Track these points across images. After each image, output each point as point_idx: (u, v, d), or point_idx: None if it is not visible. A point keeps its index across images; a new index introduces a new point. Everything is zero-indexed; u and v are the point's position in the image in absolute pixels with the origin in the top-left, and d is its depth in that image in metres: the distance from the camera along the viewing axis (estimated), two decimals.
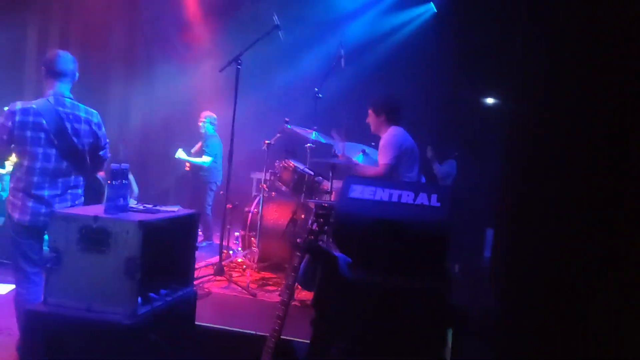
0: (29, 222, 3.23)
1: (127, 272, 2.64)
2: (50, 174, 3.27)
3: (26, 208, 3.24)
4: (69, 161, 3.32)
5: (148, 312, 2.73)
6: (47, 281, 2.73)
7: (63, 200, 3.32)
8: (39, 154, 3.24)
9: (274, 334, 2.51)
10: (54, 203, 3.27)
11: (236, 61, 4.70)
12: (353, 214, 2.86)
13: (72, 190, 3.37)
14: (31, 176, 3.24)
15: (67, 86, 3.37)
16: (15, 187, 3.28)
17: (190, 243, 3.21)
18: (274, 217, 5.12)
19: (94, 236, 2.67)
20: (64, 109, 3.29)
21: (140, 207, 3.02)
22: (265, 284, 4.69)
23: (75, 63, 3.42)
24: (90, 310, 2.66)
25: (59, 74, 3.34)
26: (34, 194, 3.24)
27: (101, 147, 3.48)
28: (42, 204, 3.24)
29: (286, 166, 4.99)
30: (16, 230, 3.28)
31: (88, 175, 3.48)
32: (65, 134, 3.27)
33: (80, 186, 3.43)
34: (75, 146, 3.32)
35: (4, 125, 3.23)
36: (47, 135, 3.24)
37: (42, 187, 3.25)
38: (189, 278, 3.21)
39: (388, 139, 4.45)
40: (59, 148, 3.27)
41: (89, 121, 3.38)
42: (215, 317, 3.72)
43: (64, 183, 3.33)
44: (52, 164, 3.27)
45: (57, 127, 3.25)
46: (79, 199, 3.42)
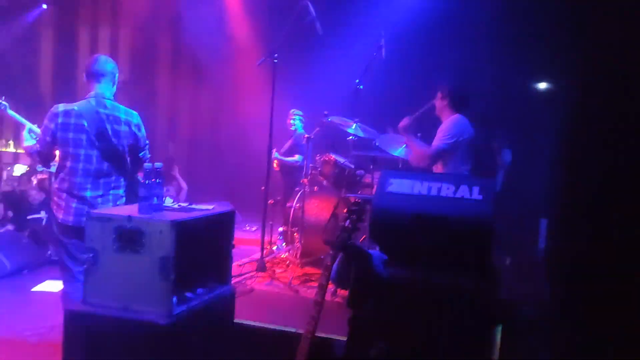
0: (72, 222, 3.29)
1: (162, 272, 2.63)
2: (92, 174, 3.32)
3: (70, 208, 3.30)
4: (110, 162, 3.36)
5: (184, 312, 2.72)
6: (85, 281, 2.76)
7: (105, 201, 3.37)
8: (81, 155, 3.29)
9: (308, 335, 2.44)
10: (96, 203, 3.32)
11: (273, 55, 4.65)
12: (390, 209, 2.75)
13: (113, 190, 3.42)
14: (74, 177, 3.30)
15: (107, 88, 3.41)
16: (59, 187, 3.35)
17: (226, 241, 3.17)
18: (316, 212, 5.06)
19: (129, 236, 2.67)
20: (104, 111, 3.33)
21: (175, 205, 3.01)
22: (308, 280, 4.64)
23: (112, 65, 3.46)
24: (127, 310, 2.67)
25: (97, 76, 3.39)
26: (77, 195, 3.30)
27: (141, 148, 3.50)
28: (85, 204, 3.29)
29: (327, 160, 4.91)
30: (61, 230, 3.35)
31: (129, 176, 3.52)
32: (106, 135, 3.32)
33: (122, 187, 3.47)
34: (116, 147, 3.36)
35: (47, 127, 3.30)
36: (89, 137, 3.28)
37: (84, 187, 3.31)
38: (226, 276, 3.18)
39: (448, 124, 4.26)
40: (100, 149, 3.31)
41: (129, 122, 3.41)
42: (256, 314, 3.70)
43: (106, 184, 3.38)
44: (94, 165, 3.32)
45: (97, 128, 3.30)
46: (120, 200, 3.46)
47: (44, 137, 3.32)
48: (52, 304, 4.70)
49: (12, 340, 3.94)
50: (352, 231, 2.49)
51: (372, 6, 7.09)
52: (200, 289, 2.90)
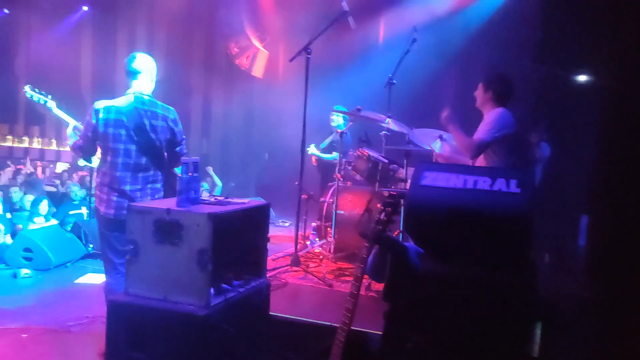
0: (113, 215, 3.39)
1: (199, 264, 2.69)
2: (131, 169, 3.41)
3: (111, 202, 3.40)
4: (148, 156, 3.44)
5: (221, 303, 2.77)
6: (127, 272, 2.84)
7: (144, 195, 3.45)
8: (121, 149, 3.38)
9: (344, 327, 2.45)
10: (136, 197, 3.41)
11: (306, 50, 4.66)
12: (425, 203, 2.72)
13: (151, 184, 3.49)
14: (114, 171, 3.39)
15: (145, 84, 3.49)
16: (101, 181, 3.45)
17: (261, 234, 3.22)
18: (349, 206, 5.06)
19: (167, 229, 2.74)
20: (142, 106, 3.42)
21: (212, 199, 3.07)
22: (342, 274, 4.64)
23: (151, 62, 3.53)
24: (166, 301, 2.74)
25: (135, 73, 3.47)
26: (117, 188, 3.39)
27: (177, 143, 3.57)
28: (125, 198, 3.38)
29: (360, 155, 4.90)
30: (103, 222, 3.45)
31: (166, 171, 3.59)
32: (144, 130, 3.40)
33: (159, 181, 3.55)
34: (153, 142, 3.43)
35: (89, 123, 3.41)
36: (128, 132, 3.37)
37: (124, 181, 3.39)
38: (261, 269, 3.22)
39: (493, 118, 4.15)
40: (138, 144, 3.40)
41: (166, 118, 3.48)
42: (291, 307, 3.72)
43: (144, 178, 3.46)
44: (133, 159, 3.40)
45: (136, 123, 3.38)
46: (158, 193, 3.54)
47: (85, 133, 3.43)
48: (93, 296, 4.86)
49: (57, 330, 4.08)
50: (387, 224, 2.48)
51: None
52: (237, 281, 2.95)
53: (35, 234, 5.76)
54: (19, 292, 5.01)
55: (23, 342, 3.87)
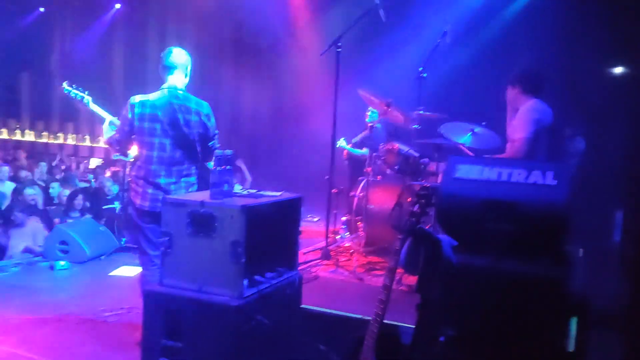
0: (148, 207, 3.46)
1: (233, 256, 2.72)
2: (165, 162, 3.47)
3: (146, 194, 3.47)
4: (182, 150, 3.50)
5: (254, 294, 2.80)
6: (162, 263, 2.89)
7: (178, 188, 3.51)
8: (155, 143, 3.45)
9: (377, 319, 2.45)
10: (170, 190, 3.47)
11: (336, 44, 4.66)
12: (458, 195, 2.70)
13: (185, 178, 3.55)
14: (149, 165, 3.46)
15: (179, 79, 3.55)
16: (136, 175, 3.53)
17: (294, 227, 3.24)
18: (380, 200, 5.05)
19: (201, 221, 2.78)
20: (176, 101, 3.47)
21: (245, 192, 3.10)
22: (372, 268, 4.64)
23: (185, 57, 3.58)
24: (201, 292, 2.78)
25: (170, 68, 3.53)
26: (152, 182, 3.46)
27: (210, 137, 3.61)
28: (159, 191, 3.45)
29: (390, 149, 4.88)
30: (138, 215, 3.52)
31: (200, 164, 3.64)
32: (178, 124, 3.45)
33: (193, 174, 3.60)
34: (187, 136, 3.48)
35: (125, 117, 3.49)
36: (162, 126, 3.43)
37: (159, 174, 3.46)
38: (293, 262, 3.24)
39: (526, 112, 4.05)
40: (172, 138, 3.46)
41: (199, 112, 3.52)
42: (322, 300, 3.74)
43: (178, 171, 3.51)
44: (167, 153, 3.46)
45: (170, 118, 3.44)
46: (192, 187, 3.60)
47: (122, 127, 3.51)
48: (128, 288, 4.97)
49: (94, 320, 4.18)
50: (421, 216, 2.47)
51: None
52: (269, 273, 2.97)
53: (71, 228, 5.91)
54: (56, 284, 5.15)
55: (61, 331, 3.98)
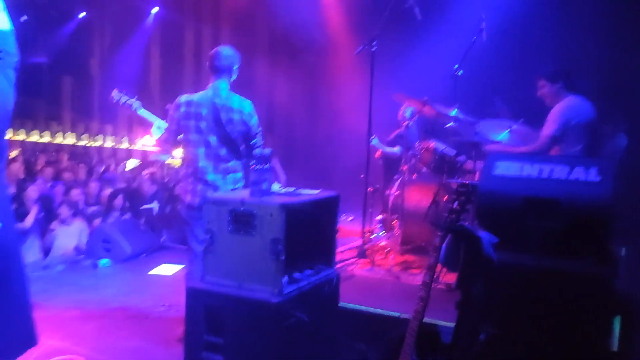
0: (198, 203, 3.55)
1: (273, 253, 2.76)
2: (212, 159, 3.57)
3: (195, 191, 3.57)
4: (227, 147, 3.60)
5: (294, 291, 2.84)
6: (204, 260, 2.95)
7: (226, 184, 3.60)
8: (201, 141, 3.56)
9: (417, 316, 2.45)
10: (218, 186, 3.57)
11: (371, 43, 4.66)
12: (498, 192, 2.68)
13: (232, 174, 3.64)
14: (197, 162, 3.57)
15: (224, 79, 3.64)
16: (186, 172, 3.65)
17: (331, 225, 3.26)
18: (416, 199, 5.03)
19: (242, 219, 2.83)
20: (220, 100, 3.57)
21: (283, 190, 3.14)
22: (409, 266, 4.63)
23: (231, 58, 3.65)
24: (241, 288, 2.82)
25: (215, 68, 3.64)
26: (201, 178, 3.57)
27: (252, 136, 3.69)
28: (208, 187, 3.55)
29: (426, 147, 4.86)
30: (188, 212, 3.62)
31: (245, 161, 3.72)
32: (221, 123, 3.56)
33: (239, 170, 3.69)
34: (230, 134, 3.58)
35: (172, 117, 3.62)
36: (207, 124, 3.55)
37: (206, 171, 3.57)
38: (331, 260, 3.27)
39: (558, 110, 4.11)
40: (217, 135, 3.57)
41: (241, 111, 3.61)
42: (358, 298, 3.75)
43: (225, 168, 3.61)
44: (213, 150, 3.57)
45: (214, 116, 3.55)
46: (239, 183, 3.68)
47: (170, 126, 3.64)
48: (167, 285, 5.10)
49: (136, 316, 4.30)
50: (460, 213, 2.47)
51: None
52: (308, 271, 3.01)
53: (113, 227, 6.08)
54: (100, 281, 5.31)
55: (106, 326, 4.11)
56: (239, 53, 3.72)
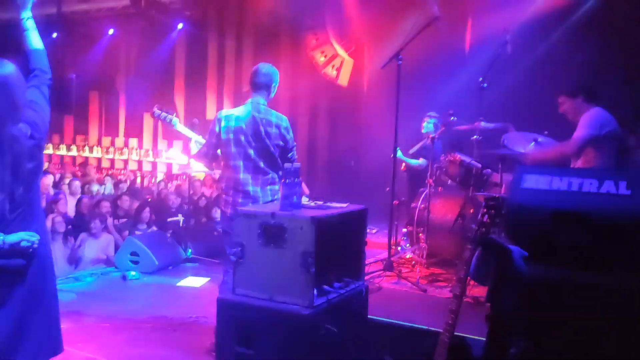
0: None
1: (303, 266, 2.80)
2: (251, 171, 3.65)
3: (237, 203, 3.64)
4: (265, 160, 3.68)
5: (324, 304, 2.87)
6: (234, 273, 3.00)
7: (265, 195, 3.67)
8: (241, 154, 3.65)
9: (448, 328, 2.46)
10: (258, 197, 3.64)
11: (397, 57, 4.71)
12: (527, 205, 2.68)
13: (270, 186, 3.71)
14: (237, 174, 3.65)
15: (262, 95, 3.74)
16: (226, 185, 3.73)
17: (360, 238, 3.30)
18: (442, 212, 5.04)
19: (272, 232, 2.88)
20: (258, 115, 3.67)
21: (312, 203, 3.18)
22: (436, 279, 4.63)
23: (269, 75, 3.75)
24: (272, 300, 2.87)
25: (254, 85, 3.76)
26: (241, 190, 3.65)
27: (289, 149, 3.77)
28: (248, 198, 3.62)
29: (452, 160, 4.88)
30: (228, 224, 3.66)
31: (281, 174, 3.78)
32: (260, 136, 3.65)
33: (277, 182, 3.74)
34: (268, 147, 3.67)
35: (212, 130, 3.71)
36: (246, 138, 3.64)
37: (246, 183, 3.65)
38: (360, 272, 3.29)
39: (587, 118, 4.10)
40: (256, 149, 3.65)
41: (279, 125, 3.70)
42: (386, 311, 3.77)
43: (263, 180, 3.68)
44: (252, 162, 3.65)
45: (253, 130, 3.64)
46: (277, 194, 3.72)
47: (210, 140, 3.74)
48: (195, 297, 5.16)
49: (165, 328, 4.36)
50: (490, 226, 2.48)
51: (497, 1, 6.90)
52: (337, 283, 3.04)
53: (141, 239, 6.17)
54: (129, 293, 5.40)
55: (136, 337, 4.17)
56: (277, 71, 3.81)
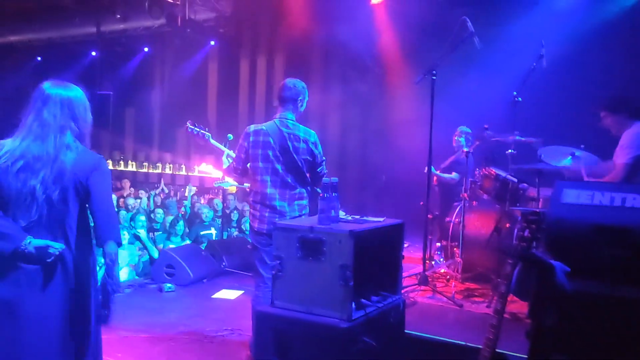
0: (266, 230, 3.65)
1: (341, 279, 2.82)
2: (279, 186, 3.69)
3: (264, 217, 3.68)
4: (293, 175, 3.71)
5: (361, 317, 2.88)
6: (273, 285, 3.04)
7: (292, 210, 3.70)
8: (269, 168, 3.68)
9: (489, 344, 2.45)
10: (285, 212, 3.66)
11: (431, 72, 4.72)
12: (568, 220, 2.66)
13: (298, 201, 3.74)
14: (265, 189, 3.69)
15: (290, 109, 3.78)
16: (254, 199, 3.77)
17: (396, 252, 3.30)
18: (477, 226, 5.00)
19: (311, 245, 2.91)
20: (286, 130, 3.70)
21: (349, 217, 3.21)
22: (471, 294, 4.59)
23: (296, 90, 3.79)
24: (310, 313, 2.89)
25: (281, 100, 3.81)
26: (268, 205, 3.68)
27: (318, 164, 3.80)
28: (275, 213, 3.65)
29: (487, 174, 4.85)
30: (257, 238, 3.73)
31: (310, 188, 3.82)
32: (288, 151, 3.68)
33: (305, 198, 3.79)
34: (296, 162, 3.70)
35: (242, 146, 3.76)
36: (274, 152, 3.67)
37: (274, 198, 3.68)
38: (397, 286, 3.30)
39: (629, 137, 4.04)
40: (284, 163, 3.68)
41: (307, 140, 3.74)
42: (422, 326, 3.76)
43: (291, 195, 3.71)
44: (280, 177, 3.69)
45: (281, 145, 3.68)
46: (304, 210, 3.78)
47: (239, 155, 3.79)
48: (230, 309, 5.21)
49: (201, 340, 4.42)
50: (532, 241, 2.46)
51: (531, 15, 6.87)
52: (375, 297, 3.05)
53: (176, 252, 6.28)
54: (165, 305, 5.48)
55: (173, 349, 4.24)
56: (305, 85, 3.86)
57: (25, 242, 2.43)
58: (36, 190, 2.47)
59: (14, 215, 2.48)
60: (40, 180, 2.48)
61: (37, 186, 2.47)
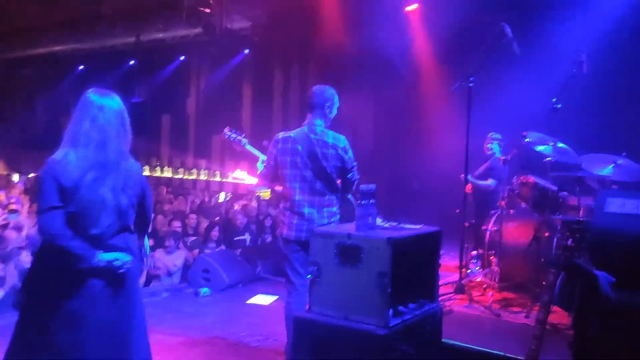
0: (294, 237, 3.66)
1: (379, 286, 2.81)
2: (307, 193, 3.67)
3: (292, 225, 3.68)
4: (322, 182, 3.69)
5: (399, 325, 2.86)
6: (310, 291, 3.05)
7: (321, 218, 3.68)
8: (298, 175, 3.68)
9: (531, 354, 2.41)
10: (314, 220, 3.64)
11: (468, 79, 4.68)
12: (613, 230, 2.61)
13: (327, 208, 3.71)
14: (294, 196, 3.68)
15: (318, 116, 3.75)
16: (283, 206, 3.77)
17: (434, 260, 3.28)
18: (515, 235, 4.92)
19: (348, 252, 2.91)
20: (314, 136, 3.69)
21: (386, 224, 3.20)
22: (509, 304, 4.51)
23: (325, 97, 3.77)
24: (347, 320, 2.89)
25: (310, 106, 3.79)
26: (297, 212, 3.67)
27: (348, 170, 3.76)
28: (304, 221, 3.64)
29: (526, 182, 4.77)
30: (286, 245, 3.73)
31: (340, 195, 3.82)
32: (316, 157, 3.67)
33: (334, 205, 3.76)
34: (325, 169, 3.68)
35: (271, 153, 3.77)
36: (303, 159, 3.66)
37: (302, 205, 3.66)
38: (434, 294, 3.27)
39: None
40: (312, 170, 3.67)
41: (336, 146, 3.71)
42: (459, 335, 3.71)
43: (320, 202, 3.69)
44: (309, 184, 3.67)
45: (309, 151, 3.67)
46: (334, 217, 3.75)
47: (269, 161, 3.80)
48: (264, 315, 5.25)
49: (238, 344, 4.46)
50: (575, 250, 2.42)
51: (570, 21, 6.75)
52: (412, 304, 3.03)
53: (212, 257, 6.37)
54: (201, 309, 5.56)
55: (209, 353, 4.30)
56: (334, 91, 3.83)
57: (97, 259, 2.51)
58: (106, 199, 2.54)
59: (84, 225, 2.53)
60: (110, 188, 2.55)
61: (107, 194, 2.54)
